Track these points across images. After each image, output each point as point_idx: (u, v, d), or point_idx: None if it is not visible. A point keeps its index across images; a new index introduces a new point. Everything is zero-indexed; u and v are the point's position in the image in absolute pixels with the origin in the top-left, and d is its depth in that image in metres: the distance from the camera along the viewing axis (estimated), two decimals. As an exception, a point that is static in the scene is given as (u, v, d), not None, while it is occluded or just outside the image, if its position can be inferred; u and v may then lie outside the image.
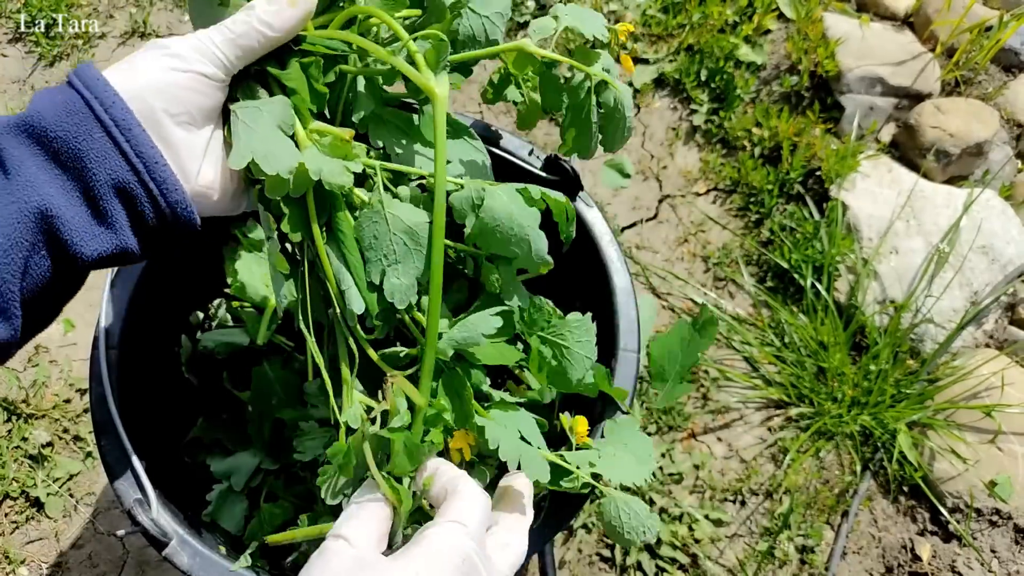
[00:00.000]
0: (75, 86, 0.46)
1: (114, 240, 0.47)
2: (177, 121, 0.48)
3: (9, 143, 0.44)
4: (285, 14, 0.51)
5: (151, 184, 0.46)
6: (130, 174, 0.46)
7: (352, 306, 0.53)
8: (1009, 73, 1.78)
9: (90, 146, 0.44)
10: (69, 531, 1.26)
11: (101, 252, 0.47)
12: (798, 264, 1.52)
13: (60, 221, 0.45)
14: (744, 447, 1.41)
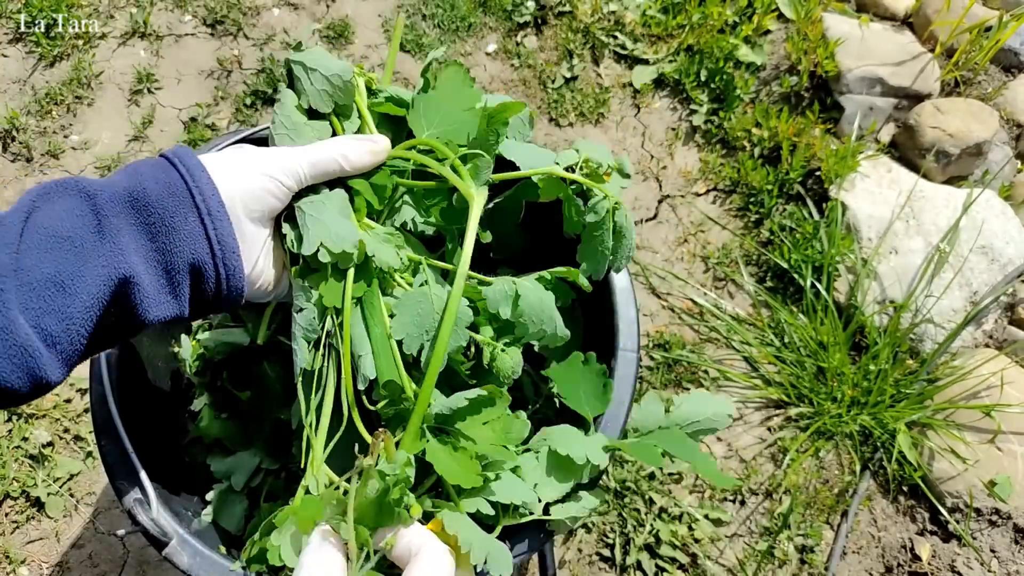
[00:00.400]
0: (178, 169, 0.52)
1: (175, 308, 0.53)
2: (251, 218, 0.55)
3: (113, 211, 0.49)
4: (366, 158, 0.61)
5: (222, 268, 0.53)
6: (208, 256, 0.52)
7: (366, 372, 0.60)
8: (1009, 73, 1.78)
9: (183, 226, 0.50)
10: (69, 531, 1.26)
11: (162, 317, 0.52)
12: (798, 264, 1.52)
13: (138, 288, 0.49)
14: (744, 447, 1.42)
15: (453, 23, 1.79)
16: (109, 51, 1.68)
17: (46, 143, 1.56)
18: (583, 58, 1.79)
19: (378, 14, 1.80)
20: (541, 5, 1.83)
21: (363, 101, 0.67)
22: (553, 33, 1.81)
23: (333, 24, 1.75)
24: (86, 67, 1.64)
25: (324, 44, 1.75)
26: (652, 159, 1.69)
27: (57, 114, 1.60)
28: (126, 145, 1.59)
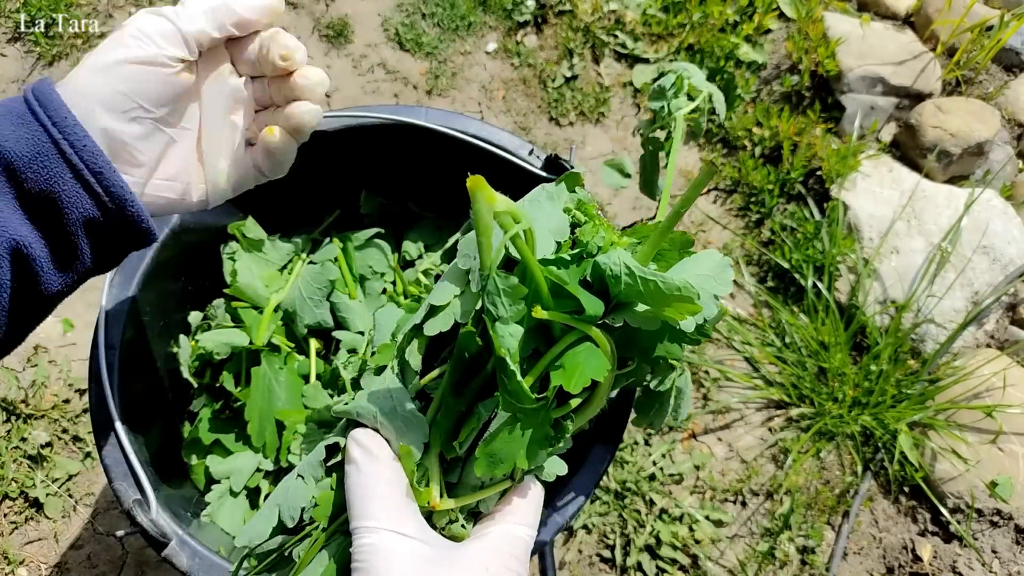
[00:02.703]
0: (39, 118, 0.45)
1: (80, 271, 0.48)
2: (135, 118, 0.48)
3: None
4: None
5: (121, 217, 0.47)
6: (99, 212, 0.46)
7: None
8: (1010, 73, 1.78)
9: (61, 189, 0.45)
10: (68, 532, 1.26)
11: (66, 284, 0.48)
12: (799, 264, 1.52)
13: (33, 260, 0.45)
14: (745, 447, 1.41)
15: (453, 22, 1.78)
16: (108, 50, 1.68)
17: (45, 142, 1.55)
18: (583, 57, 1.78)
19: (378, 13, 1.79)
20: (541, 4, 1.82)
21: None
22: (553, 32, 1.80)
23: (332, 23, 1.75)
24: (85, 66, 1.64)
25: (323, 43, 1.74)
26: (653, 159, 1.69)
27: (56, 113, 1.60)
28: (125, 144, 1.59)
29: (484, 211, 0.40)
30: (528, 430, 0.47)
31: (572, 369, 0.46)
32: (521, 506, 0.50)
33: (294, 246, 1.00)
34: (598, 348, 0.48)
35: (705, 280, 0.50)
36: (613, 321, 0.49)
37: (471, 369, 0.50)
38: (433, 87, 1.71)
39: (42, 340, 1.40)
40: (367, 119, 0.88)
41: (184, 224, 0.87)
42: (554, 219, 0.52)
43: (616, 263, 0.47)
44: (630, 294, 0.47)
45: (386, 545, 0.43)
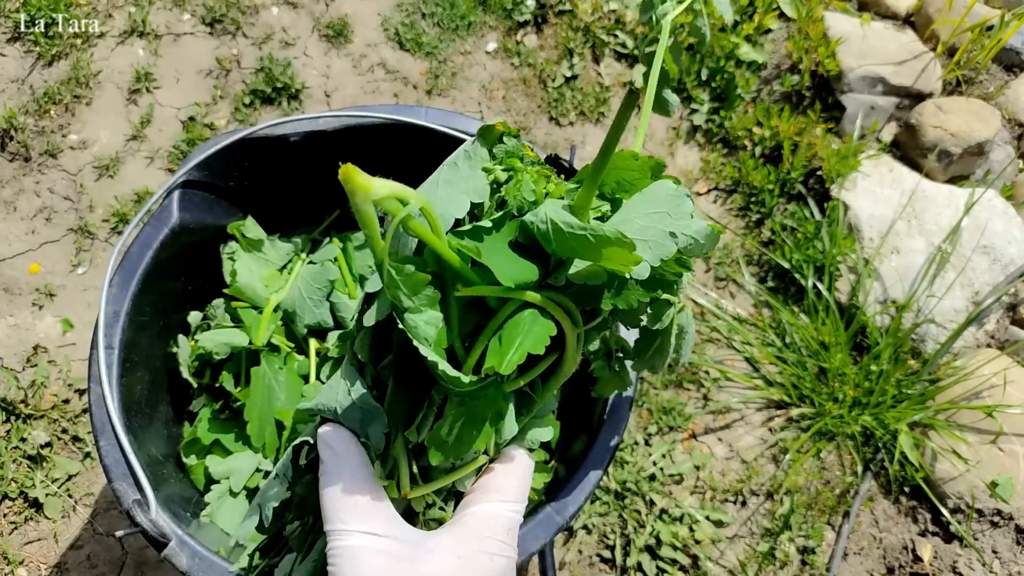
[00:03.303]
0: None
1: None
2: None
3: None
4: None
5: None
6: None
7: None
8: (1010, 72, 1.78)
9: None
10: (68, 532, 1.26)
11: None
12: (799, 264, 1.52)
13: None
14: (745, 448, 1.41)
15: (453, 22, 1.78)
16: (108, 50, 1.68)
17: (44, 142, 1.55)
18: (583, 57, 1.78)
19: (377, 13, 1.79)
20: (541, 4, 1.82)
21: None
22: (553, 32, 1.80)
23: (332, 23, 1.75)
24: (84, 66, 1.63)
25: (323, 43, 1.74)
26: (653, 158, 1.69)
27: (55, 113, 1.60)
28: (124, 144, 1.59)
29: (361, 201, 0.36)
30: (474, 411, 0.45)
31: (508, 343, 0.43)
32: (501, 481, 0.48)
33: (294, 246, 1.00)
34: (543, 314, 0.45)
35: (659, 218, 0.46)
36: (556, 281, 0.46)
37: (415, 355, 0.47)
38: (433, 87, 1.71)
39: (42, 340, 1.40)
40: (367, 119, 0.88)
41: (184, 224, 0.87)
42: (471, 181, 0.48)
43: (543, 219, 0.43)
44: (563, 249, 0.44)
45: (355, 548, 0.43)
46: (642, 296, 0.47)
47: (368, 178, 0.36)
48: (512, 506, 0.48)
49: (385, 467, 0.48)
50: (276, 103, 1.65)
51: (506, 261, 0.43)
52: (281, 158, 0.91)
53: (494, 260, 0.43)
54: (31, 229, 1.49)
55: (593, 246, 0.41)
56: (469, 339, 0.46)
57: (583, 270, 0.45)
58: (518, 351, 0.42)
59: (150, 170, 1.57)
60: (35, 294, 1.43)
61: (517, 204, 0.47)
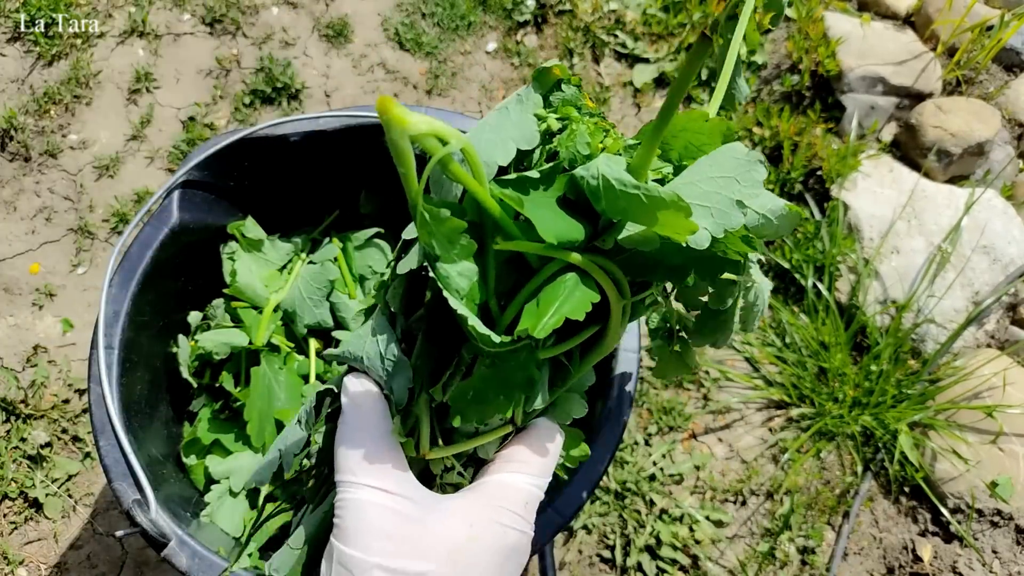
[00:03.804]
0: None
1: None
2: None
3: None
4: None
5: None
6: None
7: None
8: (1010, 72, 1.78)
9: None
10: (68, 532, 1.26)
11: None
12: (799, 264, 1.52)
13: None
14: (745, 447, 1.41)
15: (453, 22, 1.78)
16: (108, 50, 1.68)
17: (44, 142, 1.55)
18: (583, 57, 1.78)
19: (377, 13, 1.79)
20: (541, 4, 1.82)
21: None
22: (553, 32, 1.80)
23: (332, 23, 1.75)
24: (84, 66, 1.63)
25: (323, 43, 1.74)
26: (653, 158, 1.69)
27: (55, 113, 1.60)
28: (124, 144, 1.59)
29: (397, 136, 0.33)
30: (504, 374, 0.42)
31: (546, 306, 0.40)
32: (524, 452, 0.46)
33: (294, 246, 1.00)
34: (586, 279, 0.41)
35: (725, 184, 0.41)
36: (603, 244, 0.42)
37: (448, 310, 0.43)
38: (433, 87, 1.71)
39: (42, 340, 1.40)
40: (367, 119, 0.88)
41: (184, 224, 0.87)
42: (521, 127, 0.44)
43: (594, 175, 0.39)
44: (613, 210, 0.40)
45: (362, 501, 0.41)
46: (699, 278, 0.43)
47: (406, 111, 0.33)
48: (533, 480, 0.46)
49: (406, 424, 0.46)
50: (276, 103, 1.65)
51: (551, 217, 0.40)
52: (281, 158, 0.91)
53: (538, 214, 0.39)
54: (31, 229, 1.49)
55: (646, 207, 0.37)
56: (505, 298, 0.43)
57: (635, 235, 0.41)
58: (555, 315, 0.39)
59: (150, 170, 1.57)
60: (35, 294, 1.43)
61: (569, 157, 0.43)
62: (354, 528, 0.41)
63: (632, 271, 0.43)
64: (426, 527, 0.41)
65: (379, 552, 0.40)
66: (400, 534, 0.41)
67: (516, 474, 0.45)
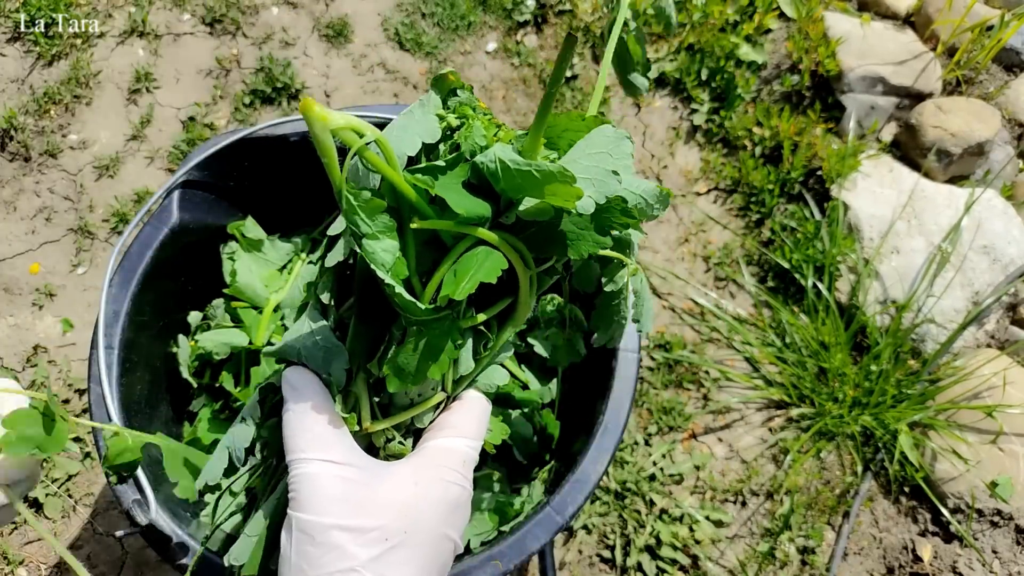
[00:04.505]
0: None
1: None
2: None
3: None
4: None
5: None
6: None
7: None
8: (1010, 72, 1.78)
9: None
10: (68, 532, 1.26)
11: None
12: (799, 264, 1.52)
13: None
14: (745, 448, 1.41)
15: (453, 22, 1.78)
16: (108, 50, 1.68)
17: (44, 142, 1.55)
18: (583, 56, 1.78)
19: (377, 13, 1.79)
20: (541, 4, 1.82)
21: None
22: (553, 32, 1.80)
23: (332, 23, 1.75)
24: (84, 66, 1.63)
25: (323, 43, 1.74)
26: (653, 158, 1.69)
27: (55, 113, 1.60)
28: (124, 144, 1.59)
29: (319, 131, 0.40)
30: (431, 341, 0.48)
31: (463, 275, 0.46)
32: (457, 418, 0.51)
33: (294, 246, 1.00)
34: (495, 250, 0.48)
35: (600, 158, 0.49)
36: (507, 219, 0.49)
37: (376, 292, 0.50)
38: (433, 87, 1.71)
39: (42, 340, 1.40)
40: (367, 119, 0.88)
41: (184, 224, 0.87)
42: (424, 124, 0.51)
43: (492, 159, 0.46)
44: (511, 188, 0.47)
45: (314, 474, 0.45)
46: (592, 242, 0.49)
47: (326, 109, 0.39)
48: (468, 441, 0.51)
49: (347, 403, 0.51)
50: (276, 103, 1.65)
51: (459, 197, 0.46)
52: (281, 158, 0.91)
53: (448, 195, 0.45)
54: (31, 229, 1.49)
55: (538, 181, 0.44)
56: (427, 276, 0.49)
57: (531, 207, 0.48)
58: (471, 280, 0.45)
59: (150, 170, 1.57)
60: (35, 294, 1.43)
61: (470, 148, 0.50)
62: (309, 497, 0.44)
63: (534, 247, 0.50)
64: (376, 488, 0.45)
65: (335, 514, 0.43)
66: (353, 497, 0.44)
67: (452, 438, 0.50)
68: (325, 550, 0.43)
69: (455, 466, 0.49)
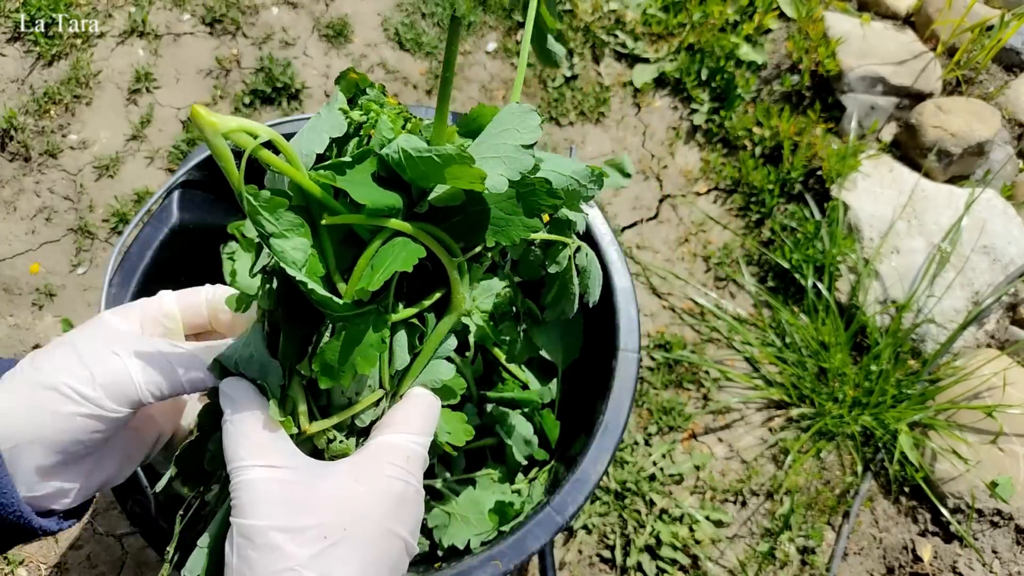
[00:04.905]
0: None
1: None
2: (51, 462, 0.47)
3: None
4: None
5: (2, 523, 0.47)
6: None
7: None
8: (1010, 72, 1.78)
9: None
10: (68, 532, 1.26)
11: None
12: (799, 264, 1.52)
13: None
14: (745, 448, 1.41)
15: (453, 22, 1.78)
16: (108, 50, 1.68)
17: (44, 142, 1.55)
18: (583, 57, 1.78)
19: (377, 13, 1.79)
20: (541, 4, 1.82)
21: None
22: (553, 32, 1.80)
23: (332, 23, 1.75)
24: (84, 66, 1.63)
25: (323, 43, 1.74)
26: (653, 158, 1.69)
27: (55, 113, 1.60)
28: (124, 144, 1.59)
29: (211, 136, 0.40)
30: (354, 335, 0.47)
31: (379, 267, 0.46)
32: (400, 415, 0.51)
33: (294, 246, 1.00)
34: (414, 241, 0.47)
35: (508, 135, 0.49)
36: (420, 208, 0.49)
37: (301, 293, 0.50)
38: (433, 87, 1.71)
39: (42, 340, 1.40)
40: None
41: (184, 224, 0.87)
42: (330, 121, 0.51)
43: (396, 150, 0.46)
44: (417, 176, 0.47)
45: (253, 480, 0.45)
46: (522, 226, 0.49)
47: (215, 114, 0.40)
48: (411, 437, 0.50)
49: (284, 407, 0.51)
50: (276, 103, 1.65)
51: (366, 190, 0.46)
52: (281, 158, 0.91)
53: (354, 188, 0.45)
54: (31, 229, 1.49)
55: (439, 166, 0.44)
56: (348, 273, 0.49)
57: (442, 194, 0.48)
58: (385, 271, 0.45)
59: (150, 170, 1.57)
60: (35, 294, 1.43)
61: (378, 142, 0.50)
62: (249, 502, 0.44)
63: (460, 235, 0.50)
64: (314, 488, 0.45)
65: (273, 516, 0.43)
66: (291, 498, 0.44)
67: (395, 434, 0.50)
68: (264, 552, 0.42)
69: (397, 461, 0.48)
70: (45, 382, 0.46)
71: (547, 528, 0.72)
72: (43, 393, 0.46)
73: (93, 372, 0.47)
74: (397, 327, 0.52)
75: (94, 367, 0.47)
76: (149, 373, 0.49)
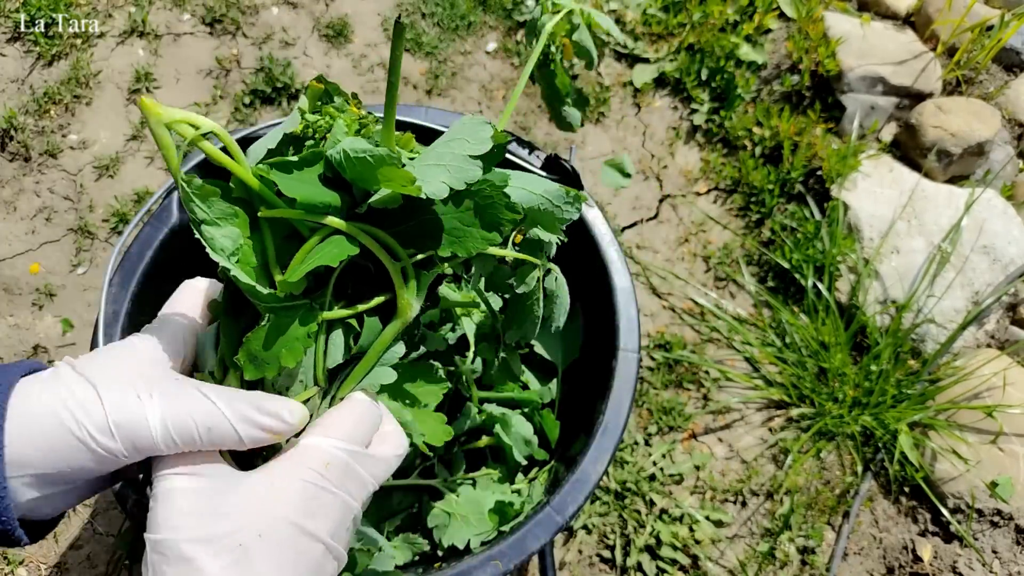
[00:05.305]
0: None
1: None
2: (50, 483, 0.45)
3: None
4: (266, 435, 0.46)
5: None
6: None
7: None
8: (1010, 72, 1.78)
9: None
10: (68, 532, 1.26)
11: None
12: (799, 264, 1.52)
13: None
14: (745, 448, 1.41)
15: (453, 22, 1.78)
16: (108, 50, 1.68)
17: (44, 142, 1.55)
18: (583, 57, 1.78)
19: (377, 13, 1.79)
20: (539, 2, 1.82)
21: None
22: (553, 32, 1.80)
23: (332, 23, 1.75)
24: (84, 66, 1.63)
25: (323, 43, 1.74)
26: (653, 158, 1.69)
27: (55, 113, 1.60)
28: (124, 144, 1.59)
29: (154, 124, 0.42)
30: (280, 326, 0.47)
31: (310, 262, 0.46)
32: (330, 418, 0.49)
33: (294, 246, 1.00)
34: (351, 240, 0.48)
35: (457, 144, 0.49)
36: (361, 209, 0.50)
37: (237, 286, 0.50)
38: (433, 87, 1.71)
39: (42, 340, 1.40)
40: (366, 119, 0.88)
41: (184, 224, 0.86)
42: (291, 123, 0.52)
43: (339, 151, 0.47)
44: (356, 177, 0.48)
45: (168, 489, 0.43)
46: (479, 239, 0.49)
47: (160, 105, 0.42)
48: (335, 442, 0.47)
49: None
50: (276, 103, 1.65)
51: (309, 189, 0.47)
52: (281, 158, 0.91)
53: (294, 185, 0.47)
54: (31, 229, 1.49)
55: (372, 166, 0.45)
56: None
57: (383, 197, 0.49)
58: (307, 263, 0.45)
59: (150, 170, 1.57)
60: (35, 294, 1.43)
61: (331, 144, 0.50)
62: (162, 515, 0.42)
63: (409, 241, 0.50)
64: (229, 495, 0.43)
65: (185, 528, 0.42)
66: (205, 508, 0.43)
67: (320, 436, 0.47)
68: (177, 567, 0.41)
69: (315, 466, 0.46)
70: (59, 414, 0.44)
71: (547, 528, 0.72)
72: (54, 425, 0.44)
73: (111, 419, 0.44)
74: (334, 326, 0.51)
75: (113, 413, 0.44)
76: (167, 429, 0.45)
